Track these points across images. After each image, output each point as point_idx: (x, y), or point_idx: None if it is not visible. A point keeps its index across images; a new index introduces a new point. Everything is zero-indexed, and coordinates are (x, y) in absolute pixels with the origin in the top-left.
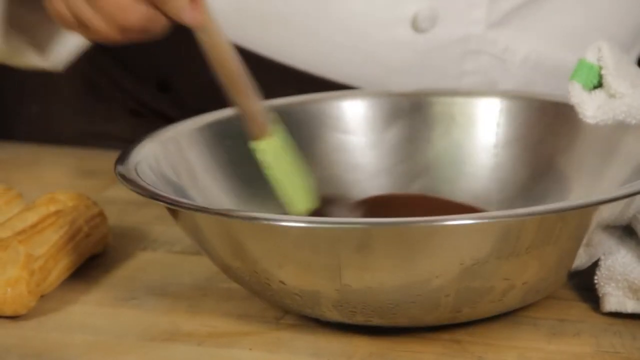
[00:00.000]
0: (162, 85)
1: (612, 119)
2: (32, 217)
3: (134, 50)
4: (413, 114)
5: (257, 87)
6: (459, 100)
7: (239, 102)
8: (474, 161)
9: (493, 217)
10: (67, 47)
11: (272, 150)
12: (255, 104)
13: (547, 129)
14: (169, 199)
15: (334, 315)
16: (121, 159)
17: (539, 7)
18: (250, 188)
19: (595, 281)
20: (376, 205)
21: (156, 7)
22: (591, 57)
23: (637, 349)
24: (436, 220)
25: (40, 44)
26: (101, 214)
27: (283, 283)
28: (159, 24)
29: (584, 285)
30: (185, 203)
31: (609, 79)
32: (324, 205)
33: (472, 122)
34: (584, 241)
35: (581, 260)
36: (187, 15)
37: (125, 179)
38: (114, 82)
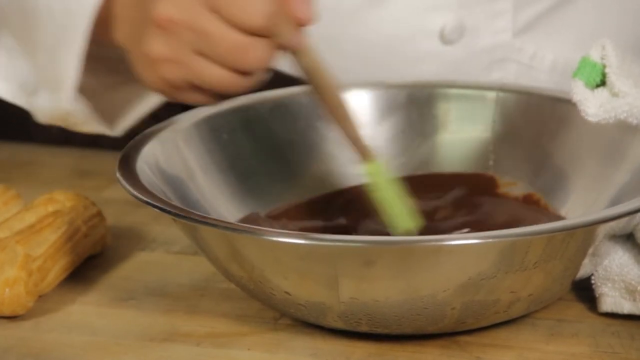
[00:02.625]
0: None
1: (613, 117)
2: (30, 218)
3: None
4: (410, 106)
5: None
6: (456, 92)
7: (342, 128)
8: (471, 155)
9: (499, 237)
10: (134, 115)
11: (378, 173)
12: (357, 129)
13: (544, 124)
14: (178, 210)
15: (339, 325)
16: (122, 166)
17: (563, 12)
18: (246, 182)
19: (592, 281)
20: None
21: (269, 38)
22: (595, 55)
23: (635, 349)
24: (440, 240)
25: (108, 112)
26: (99, 214)
27: (288, 294)
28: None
29: (582, 285)
30: (191, 214)
31: (612, 77)
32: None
33: (469, 115)
34: (590, 251)
35: (586, 270)
36: (295, 40)
37: (136, 195)
38: None
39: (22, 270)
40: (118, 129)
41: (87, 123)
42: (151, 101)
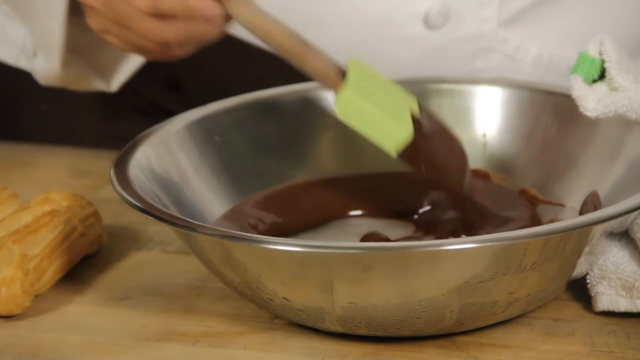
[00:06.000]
0: (171, 83)
1: (613, 112)
2: (26, 217)
3: None
4: None
5: (264, 83)
6: (448, 87)
7: (300, 64)
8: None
9: (496, 240)
10: (126, 69)
11: (351, 99)
12: (316, 60)
13: (537, 118)
14: (175, 219)
15: (337, 328)
16: (117, 170)
17: (550, 7)
18: (240, 184)
19: (588, 281)
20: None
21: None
22: (593, 51)
23: (631, 348)
24: (438, 245)
25: (101, 68)
26: (96, 214)
27: (286, 299)
28: (204, 30)
29: (578, 285)
30: (187, 223)
31: (612, 72)
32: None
33: (462, 111)
34: (586, 250)
35: (582, 268)
36: (205, 6)
37: (129, 200)
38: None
39: (18, 270)
40: (114, 85)
41: (83, 81)
42: (140, 57)
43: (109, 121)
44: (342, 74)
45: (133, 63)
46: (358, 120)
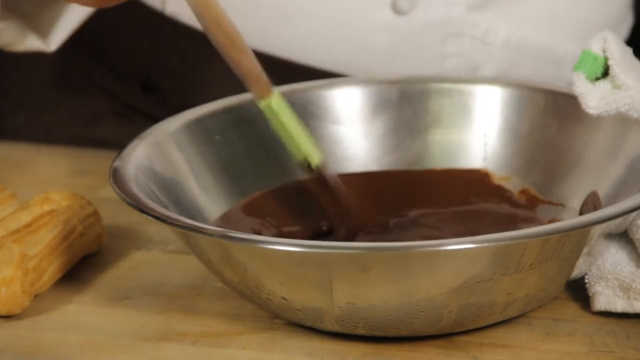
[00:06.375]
0: (145, 85)
1: (614, 110)
2: (26, 217)
3: (116, 49)
4: (402, 102)
5: (239, 85)
6: (448, 87)
7: (238, 61)
8: (465, 151)
9: (494, 240)
10: (64, 27)
11: (277, 107)
12: (254, 62)
13: (538, 117)
14: (174, 219)
15: (336, 328)
16: (116, 170)
17: None
18: (240, 184)
19: (586, 280)
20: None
21: None
22: (596, 48)
23: (631, 348)
24: (436, 245)
25: (38, 26)
26: (95, 214)
27: (285, 299)
28: None
29: (578, 285)
30: (186, 223)
31: (616, 69)
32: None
33: (462, 110)
34: (585, 250)
35: (580, 269)
36: None
37: (128, 201)
38: (98, 84)
39: (18, 270)
40: (52, 44)
41: (21, 41)
42: (78, 13)
43: (87, 126)
44: (270, 87)
45: (71, 21)
46: (278, 126)
